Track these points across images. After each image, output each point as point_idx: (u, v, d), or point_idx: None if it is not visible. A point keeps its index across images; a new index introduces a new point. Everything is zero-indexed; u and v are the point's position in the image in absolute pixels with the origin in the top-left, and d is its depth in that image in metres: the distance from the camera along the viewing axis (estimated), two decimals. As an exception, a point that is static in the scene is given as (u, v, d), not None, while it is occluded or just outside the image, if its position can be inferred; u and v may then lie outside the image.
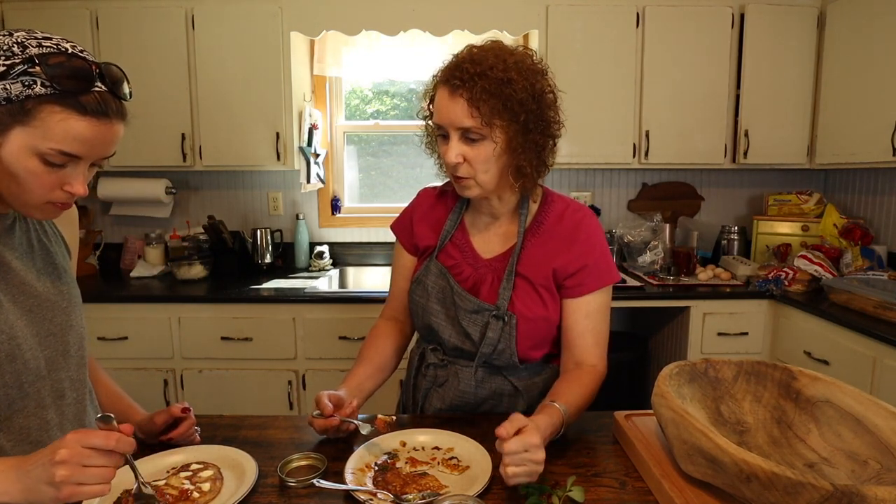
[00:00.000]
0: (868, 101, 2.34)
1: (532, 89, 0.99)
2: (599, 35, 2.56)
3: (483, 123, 0.98)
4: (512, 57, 1.00)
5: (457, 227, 1.18)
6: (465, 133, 1.00)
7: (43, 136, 0.72)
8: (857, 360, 1.94)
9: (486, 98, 0.96)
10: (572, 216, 1.13)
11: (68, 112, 0.73)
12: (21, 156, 0.73)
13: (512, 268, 1.10)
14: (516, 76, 0.97)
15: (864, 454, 0.83)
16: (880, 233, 2.66)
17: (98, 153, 0.78)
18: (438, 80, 1.03)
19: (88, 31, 2.51)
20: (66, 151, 0.74)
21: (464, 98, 0.97)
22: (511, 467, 0.82)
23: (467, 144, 1.01)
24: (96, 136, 0.75)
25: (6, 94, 0.70)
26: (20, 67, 0.70)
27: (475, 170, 1.02)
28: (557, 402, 0.98)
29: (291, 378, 2.41)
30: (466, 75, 0.97)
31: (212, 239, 2.76)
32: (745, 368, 1.01)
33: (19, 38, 0.72)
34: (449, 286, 1.14)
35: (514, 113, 0.98)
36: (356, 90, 3.11)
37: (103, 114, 0.75)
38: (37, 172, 0.74)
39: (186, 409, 1.02)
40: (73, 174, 0.77)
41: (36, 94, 0.71)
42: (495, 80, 0.96)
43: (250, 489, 0.87)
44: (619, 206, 3.07)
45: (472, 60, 0.98)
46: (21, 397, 0.82)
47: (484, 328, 1.10)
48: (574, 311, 1.11)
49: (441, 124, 1.03)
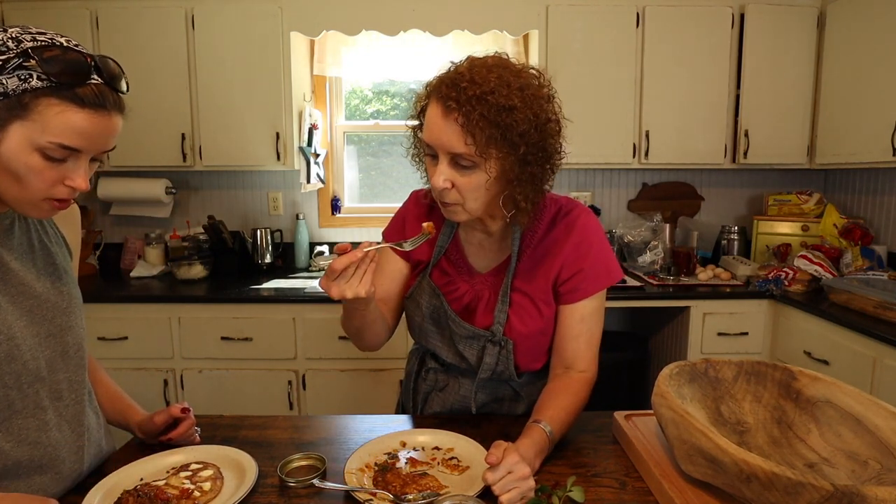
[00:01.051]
0: (868, 101, 2.34)
1: (535, 119, 0.90)
2: (599, 35, 2.56)
3: (477, 153, 0.88)
4: (517, 80, 0.90)
5: (450, 242, 1.13)
6: (456, 158, 0.91)
7: (42, 129, 0.72)
8: (857, 360, 1.94)
9: (484, 126, 0.87)
10: (565, 219, 1.08)
11: (66, 104, 0.72)
12: (21, 151, 0.73)
13: (507, 286, 1.07)
14: (520, 104, 0.88)
15: (865, 454, 0.83)
16: (880, 233, 2.65)
17: (98, 146, 0.78)
18: (432, 93, 0.93)
19: (88, 31, 2.51)
20: (65, 144, 0.74)
21: (458, 123, 0.88)
22: (504, 496, 0.80)
23: (457, 170, 0.92)
24: (95, 128, 0.75)
25: (3, 89, 0.70)
26: (15, 62, 0.70)
27: (464, 198, 0.94)
28: (542, 422, 0.95)
29: (291, 378, 2.41)
30: (464, 97, 0.87)
31: (212, 239, 2.76)
32: (746, 368, 1.01)
33: (13, 34, 0.72)
34: (442, 308, 1.10)
35: (513, 144, 0.89)
36: (356, 90, 3.11)
37: (101, 106, 0.75)
38: (38, 168, 0.74)
39: (186, 409, 1.02)
40: (73, 168, 0.77)
41: (32, 87, 0.71)
42: (495, 107, 0.86)
43: (250, 489, 0.87)
44: (619, 206, 3.07)
45: (471, 80, 0.88)
46: (20, 398, 0.82)
47: (481, 352, 1.08)
48: (569, 316, 1.06)
49: (431, 144, 0.93)
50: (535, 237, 1.09)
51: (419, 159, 1.05)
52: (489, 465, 0.82)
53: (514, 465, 0.82)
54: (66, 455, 0.89)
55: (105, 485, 0.88)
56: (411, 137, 1.05)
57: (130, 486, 0.87)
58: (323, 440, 1.07)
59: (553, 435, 0.95)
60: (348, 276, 0.88)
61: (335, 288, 0.88)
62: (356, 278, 0.89)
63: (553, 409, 0.99)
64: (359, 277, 0.89)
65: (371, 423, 1.13)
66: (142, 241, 2.91)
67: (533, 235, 1.09)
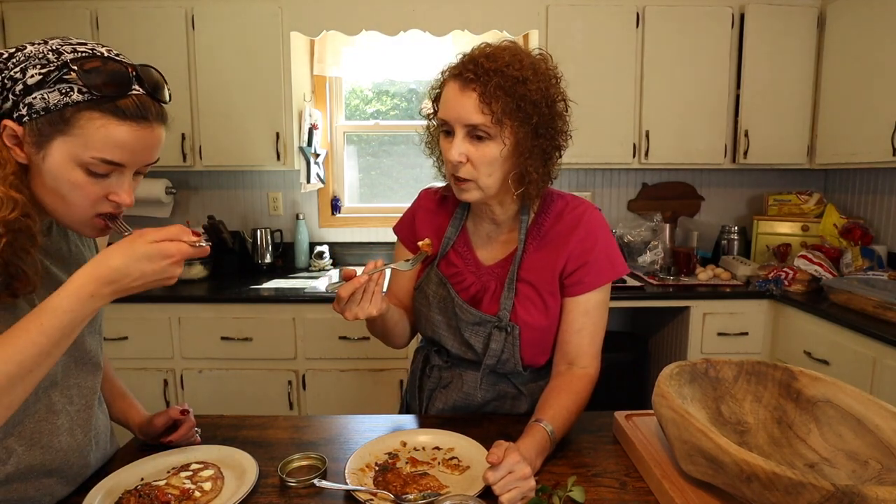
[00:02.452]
0: (868, 101, 2.34)
1: (546, 93, 0.96)
2: (599, 35, 2.57)
3: (493, 121, 0.93)
4: (528, 58, 0.97)
5: (458, 234, 1.16)
6: (472, 130, 0.96)
7: (84, 144, 0.71)
8: (857, 360, 1.94)
9: (500, 95, 0.92)
10: (571, 213, 1.10)
11: (107, 118, 0.71)
12: (64, 167, 0.72)
13: (513, 275, 1.09)
14: (532, 76, 0.94)
15: (865, 454, 0.83)
16: (880, 233, 2.66)
17: (141, 159, 0.76)
18: (449, 75, 0.99)
19: (88, 31, 2.51)
20: (108, 159, 0.73)
21: (476, 92, 0.93)
22: (505, 496, 0.80)
23: (472, 143, 0.97)
24: (137, 141, 0.74)
25: (45, 104, 0.69)
26: (55, 75, 0.69)
27: (478, 172, 0.98)
28: (544, 421, 0.96)
29: (291, 378, 2.41)
30: (481, 70, 0.93)
31: (212, 239, 2.76)
32: (746, 368, 1.01)
33: (54, 45, 0.72)
34: (450, 296, 1.12)
35: (527, 114, 0.95)
36: (356, 90, 3.11)
37: (143, 118, 0.74)
38: (81, 184, 0.73)
39: (185, 410, 1.02)
40: (117, 184, 0.76)
41: (73, 101, 0.70)
42: (511, 78, 0.93)
43: (251, 489, 0.87)
44: (619, 206, 3.07)
45: (487, 56, 0.95)
46: (34, 401, 0.82)
47: (487, 339, 1.09)
48: (573, 309, 1.08)
49: (447, 119, 0.98)
50: (542, 230, 1.11)
51: (432, 148, 1.09)
52: (490, 465, 0.82)
53: (515, 464, 0.82)
54: (75, 459, 0.89)
55: (106, 485, 0.88)
56: (425, 129, 1.09)
57: (131, 486, 0.87)
58: (323, 440, 1.07)
59: (554, 434, 0.96)
60: (357, 300, 0.93)
61: (348, 312, 0.93)
62: (366, 301, 0.93)
63: (555, 408, 0.99)
64: (368, 299, 0.93)
65: (371, 423, 1.13)
66: (142, 241, 2.91)
67: (539, 228, 1.11)
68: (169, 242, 0.72)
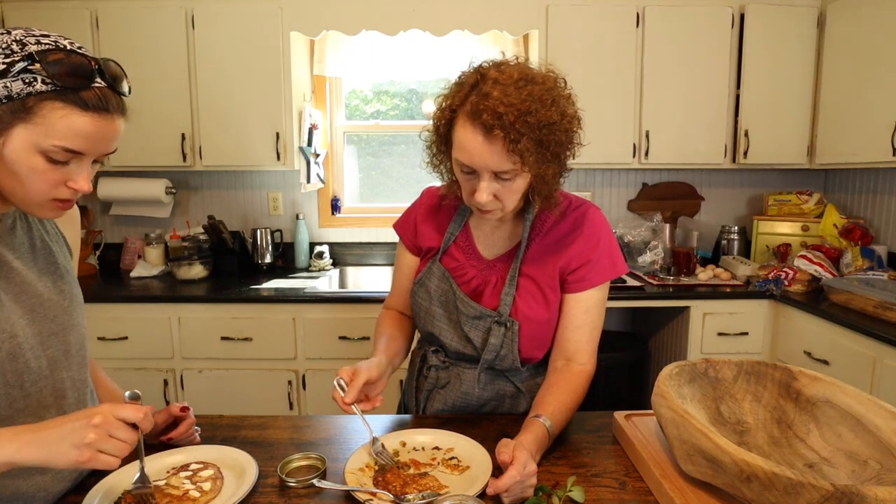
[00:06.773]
0: (868, 101, 2.34)
1: (569, 126, 0.96)
2: (599, 35, 2.57)
3: (521, 164, 0.93)
4: (548, 94, 0.93)
5: (461, 230, 1.18)
6: (499, 174, 0.96)
7: (45, 132, 0.72)
8: (857, 360, 1.94)
9: (526, 143, 0.91)
10: (574, 211, 1.12)
11: (70, 108, 0.73)
12: (24, 154, 0.73)
13: (515, 271, 1.10)
14: (557, 118, 0.93)
15: (865, 454, 0.83)
16: (880, 233, 2.66)
17: (100, 149, 0.78)
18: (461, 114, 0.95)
19: (88, 31, 2.51)
20: (68, 148, 0.74)
21: (501, 145, 0.91)
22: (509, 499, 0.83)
23: (499, 182, 0.97)
24: (98, 131, 0.76)
25: (7, 92, 0.71)
26: (20, 65, 0.71)
27: (504, 203, 1.00)
28: (543, 417, 0.98)
29: (291, 378, 2.41)
30: (506, 122, 0.89)
31: (212, 239, 2.76)
32: (746, 368, 1.01)
33: (18, 36, 0.73)
34: (451, 290, 1.13)
35: (552, 152, 0.96)
36: (356, 90, 3.11)
37: (104, 109, 0.76)
38: (40, 170, 0.75)
39: (185, 408, 1.02)
40: (76, 171, 0.78)
41: (37, 91, 0.71)
42: (535, 126, 0.90)
43: (250, 489, 0.87)
44: (619, 206, 3.07)
45: (507, 104, 0.89)
46: (23, 396, 0.82)
47: (486, 334, 1.10)
48: (573, 306, 1.10)
49: (471, 165, 0.95)
50: (545, 226, 1.12)
51: (440, 170, 1.09)
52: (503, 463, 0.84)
53: (526, 461, 0.84)
54: None
55: (105, 484, 0.88)
56: (428, 149, 1.08)
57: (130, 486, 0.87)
58: (323, 440, 1.07)
59: (552, 430, 0.97)
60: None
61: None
62: (366, 406, 1.02)
63: (553, 404, 1.01)
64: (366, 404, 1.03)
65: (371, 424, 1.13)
66: (142, 241, 2.91)
67: (542, 225, 1.13)
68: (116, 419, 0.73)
